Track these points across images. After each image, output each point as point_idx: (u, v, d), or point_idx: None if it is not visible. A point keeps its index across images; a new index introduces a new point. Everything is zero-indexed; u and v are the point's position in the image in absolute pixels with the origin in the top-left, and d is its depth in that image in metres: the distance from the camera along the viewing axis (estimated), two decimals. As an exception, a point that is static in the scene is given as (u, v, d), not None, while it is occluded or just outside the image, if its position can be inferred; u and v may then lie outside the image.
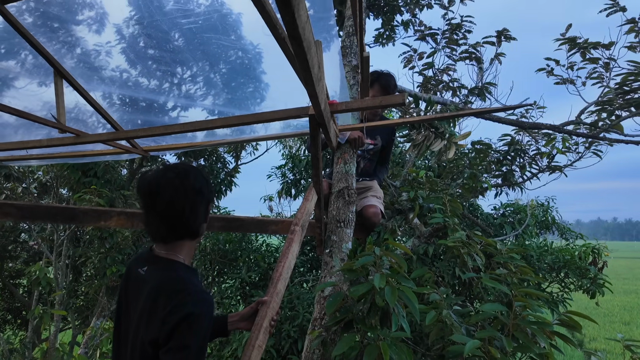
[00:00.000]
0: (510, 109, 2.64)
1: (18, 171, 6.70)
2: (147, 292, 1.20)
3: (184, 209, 1.23)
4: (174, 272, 1.24)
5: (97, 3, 2.84)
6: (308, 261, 6.41)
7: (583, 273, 4.95)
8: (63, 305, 6.17)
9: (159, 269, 1.25)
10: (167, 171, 1.26)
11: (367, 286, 1.58)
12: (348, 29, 2.89)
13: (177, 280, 1.22)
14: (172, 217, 1.24)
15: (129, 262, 1.40)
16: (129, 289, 1.32)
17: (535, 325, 1.75)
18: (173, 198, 1.22)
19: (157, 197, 1.23)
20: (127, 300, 1.31)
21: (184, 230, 1.27)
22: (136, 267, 1.31)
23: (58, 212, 2.21)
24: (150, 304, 1.18)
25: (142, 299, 1.21)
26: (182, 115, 3.45)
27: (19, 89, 2.94)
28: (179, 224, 1.25)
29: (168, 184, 1.23)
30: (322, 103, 1.49)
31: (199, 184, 1.28)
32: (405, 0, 5.28)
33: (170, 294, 1.17)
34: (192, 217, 1.26)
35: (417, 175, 3.19)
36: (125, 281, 1.36)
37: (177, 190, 1.23)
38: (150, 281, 1.23)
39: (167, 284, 1.20)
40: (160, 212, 1.23)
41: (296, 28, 0.89)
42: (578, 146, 3.62)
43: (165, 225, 1.24)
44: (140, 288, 1.25)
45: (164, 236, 1.27)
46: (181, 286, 1.20)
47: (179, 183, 1.23)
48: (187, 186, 1.25)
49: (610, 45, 3.10)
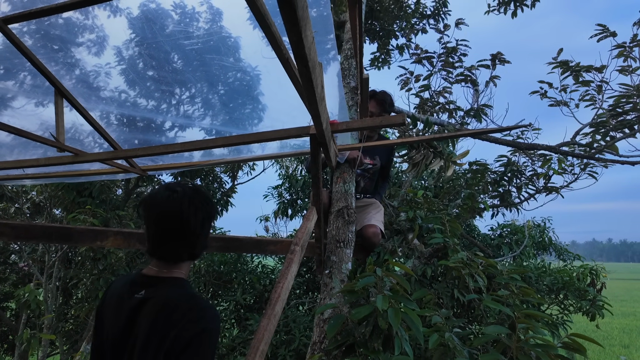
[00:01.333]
0: (508, 129, 2.68)
1: (11, 191, 6.62)
2: (154, 313, 1.16)
3: (196, 229, 1.24)
4: (183, 289, 1.23)
5: (98, 26, 2.89)
6: (304, 283, 6.32)
7: (582, 294, 4.90)
8: (52, 329, 5.98)
9: (164, 288, 1.22)
10: (177, 192, 1.25)
11: (369, 308, 1.55)
12: (346, 52, 2.95)
13: (189, 296, 1.21)
14: (186, 237, 1.24)
15: (110, 289, 1.33)
16: (108, 318, 1.25)
17: (539, 348, 1.71)
18: (189, 218, 1.22)
19: (172, 217, 1.22)
20: (109, 330, 1.23)
21: (194, 250, 1.27)
22: (128, 293, 1.24)
23: (53, 231, 2.17)
24: (162, 323, 1.14)
25: (144, 324, 1.16)
26: (179, 135, 3.46)
27: (16, 109, 2.94)
28: (190, 244, 1.25)
29: (184, 204, 1.23)
30: (324, 122, 1.50)
31: (208, 209, 1.28)
32: (400, 25, 5.43)
33: (184, 310, 1.16)
34: (202, 237, 1.27)
35: (415, 195, 3.19)
36: (103, 308, 1.29)
37: (192, 210, 1.23)
38: (154, 302, 1.19)
39: (178, 300, 1.18)
40: (173, 231, 1.22)
41: (303, 48, 0.90)
42: (574, 167, 3.66)
43: (176, 245, 1.24)
44: (137, 314, 1.19)
45: (172, 256, 1.25)
46: (193, 302, 1.19)
47: (193, 203, 1.24)
48: (200, 206, 1.25)
49: (602, 69, 3.19)
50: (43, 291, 6.09)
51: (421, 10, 5.31)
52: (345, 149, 2.40)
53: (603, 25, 3.13)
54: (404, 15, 5.24)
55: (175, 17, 2.91)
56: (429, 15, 5.28)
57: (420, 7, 5.29)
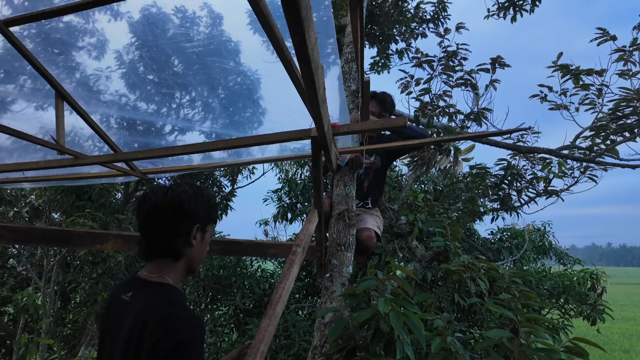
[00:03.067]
0: (508, 132, 2.68)
1: (10, 195, 6.60)
2: (133, 317, 1.12)
3: (159, 224, 1.20)
4: (164, 296, 1.18)
5: (99, 30, 2.89)
6: (304, 287, 6.29)
7: (583, 299, 4.88)
8: (50, 333, 5.94)
9: (147, 292, 1.18)
10: (157, 192, 1.24)
11: (370, 312, 1.54)
12: (347, 56, 2.96)
13: (167, 303, 1.15)
14: (151, 233, 1.22)
15: (112, 291, 1.33)
16: (109, 320, 1.25)
17: (542, 353, 1.70)
18: (150, 211, 1.21)
19: (142, 213, 1.22)
20: (108, 331, 1.23)
21: (163, 249, 1.22)
22: (120, 293, 1.24)
23: (53, 234, 2.16)
24: (138, 329, 1.10)
25: (126, 326, 1.13)
26: (179, 138, 3.46)
27: (16, 113, 2.94)
28: (155, 239, 1.21)
29: (152, 203, 1.21)
30: (326, 125, 1.50)
31: (179, 200, 1.21)
32: (400, 29, 5.45)
33: (160, 320, 1.09)
34: (168, 234, 1.21)
35: (415, 198, 3.18)
36: (106, 311, 1.28)
37: (158, 207, 1.21)
38: (136, 305, 1.15)
39: (155, 308, 1.12)
40: (145, 227, 1.22)
41: (306, 49, 0.90)
42: (574, 170, 3.66)
43: (147, 242, 1.23)
44: (124, 315, 1.17)
45: (146, 254, 1.24)
46: (171, 310, 1.12)
47: (161, 200, 1.21)
48: (169, 201, 1.21)
49: (602, 72, 3.20)
50: (41, 295, 6.05)
51: (421, 14, 5.33)
52: (346, 152, 2.39)
53: (603, 29, 3.15)
54: (403, 19, 5.26)
55: (176, 22, 2.92)
56: (429, 19, 5.31)
57: (420, 12, 5.31)
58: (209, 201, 1.29)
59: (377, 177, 2.86)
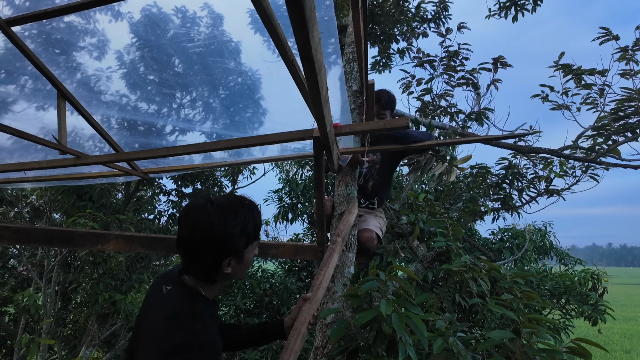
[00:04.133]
0: (515, 136, 2.67)
1: (11, 195, 6.60)
2: (161, 317, 1.15)
3: (198, 257, 1.18)
4: (192, 306, 1.18)
5: (99, 30, 2.89)
6: (304, 287, 6.30)
7: (584, 299, 4.88)
8: (50, 334, 5.94)
9: (180, 295, 1.20)
10: (212, 213, 1.17)
11: (372, 313, 1.53)
12: (348, 56, 2.95)
13: (189, 316, 1.15)
14: (183, 251, 1.19)
15: (157, 276, 1.37)
16: (149, 300, 1.28)
17: (544, 353, 1.70)
18: (193, 238, 1.16)
19: (183, 226, 1.18)
20: (146, 311, 1.26)
21: (196, 272, 1.21)
22: (162, 283, 1.26)
23: (55, 234, 2.16)
24: (160, 330, 1.13)
25: (156, 319, 1.16)
26: (180, 139, 3.46)
27: (16, 113, 2.94)
28: (193, 265, 1.20)
29: (199, 225, 1.15)
30: (328, 125, 1.49)
31: (212, 233, 1.14)
32: (401, 29, 5.45)
33: (176, 331, 1.10)
34: (197, 262, 1.19)
35: (416, 198, 3.18)
36: (150, 291, 1.32)
37: (202, 237, 1.15)
38: (167, 304, 1.18)
39: (178, 317, 1.14)
40: (179, 242, 1.20)
41: (310, 49, 0.90)
42: (575, 170, 3.65)
43: (183, 258, 1.21)
44: (157, 306, 1.21)
45: (183, 265, 1.23)
46: (189, 323, 1.12)
47: (208, 228, 1.14)
48: (214, 236, 1.15)
49: (604, 72, 3.19)
50: (42, 295, 6.06)
51: (422, 14, 5.32)
52: (347, 152, 2.39)
53: (606, 29, 3.14)
54: (404, 19, 5.25)
55: (177, 22, 2.92)
56: (430, 19, 5.30)
57: (421, 11, 5.30)
58: (252, 219, 1.22)
59: (382, 177, 2.81)
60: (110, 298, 4.74)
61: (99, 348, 5.49)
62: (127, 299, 5.00)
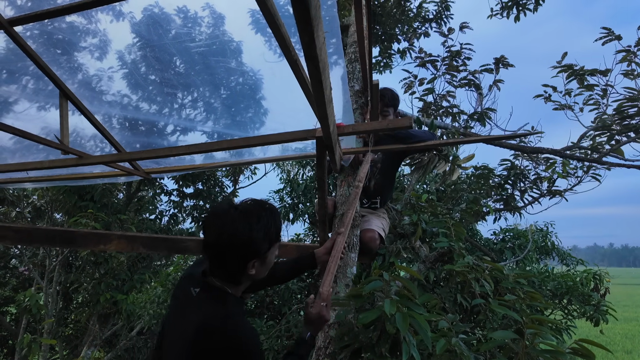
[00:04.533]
0: (517, 136, 2.66)
1: (13, 195, 6.61)
2: (196, 319, 1.20)
3: (215, 251, 1.23)
4: (226, 307, 1.24)
5: (101, 30, 2.89)
6: (306, 287, 6.28)
7: (586, 300, 4.87)
8: (52, 334, 5.95)
9: (210, 298, 1.25)
10: (236, 219, 1.23)
11: (376, 312, 1.53)
12: (350, 56, 2.95)
13: (226, 316, 1.21)
14: (209, 253, 1.25)
15: (184, 274, 1.42)
16: (177, 303, 1.34)
17: (547, 354, 1.69)
18: (218, 243, 1.22)
19: (208, 233, 1.24)
20: (173, 314, 1.32)
21: (222, 275, 1.27)
22: (189, 285, 1.31)
23: (57, 235, 2.16)
24: (198, 334, 1.17)
25: (189, 321, 1.21)
26: (181, 139, 3.46)
27: (18, 113, 2.94)
28: (213, 263, 1.26)
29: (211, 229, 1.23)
30: (331, 125, 1.49)
31: (238, 238, 1.21)
32: (402, 29, 5.44)
33: (219, 332, 1.17)
34: (223, 265, 1.25)
35: (418, 199, 3.17)
36: (176, 292, 1.38)
37: (214, 232, 1.22)
38: (200, 307, 1.24)
39: (214, 320, 1.20)
40: (205, 245, 1.25)
41: (314, 49, 0.89)
42: (577, 170, 3.65)
43: (207, 257, 1.27)
44: (189, 310, 1.26)
45: (210, 269, 1.28)
46: (230, 325, 1.19)
47: (218, 230, 1.22)
48: (225, 234, 1.21)
49: (607, 72, 3.18)
50: (43, 295, 6.06)
51: (423, 14, 5.32)
52: (350, 153, 2.38)
53: (608, 29, 3.13)
54: (406, 19, 5.25)
55: (178, 22, 2.92)
56: (431, 19, 5.29)
57: (423, 11, 5.30)
58: (274, 223, 1.29)
59: (384, 176, 2.77)
60: (112, 298, 4.73)
61: (100, 348, 5.49)
62: (129, 299, 5.00)
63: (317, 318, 1.41)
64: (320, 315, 1.41)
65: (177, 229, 7.44)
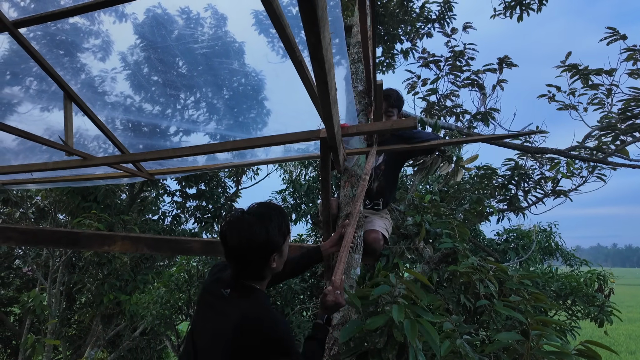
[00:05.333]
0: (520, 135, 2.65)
1: (16, 196, 6.63)
2: (229, 316, 1.32)
3: (246, 264, 1.39)
4: (259, 301, 1.38)
5: (103, 32, 2.89)
6: (309, 288, 6.28)
7: (590, 300, 4.84)
8: (55, 334, 5.96)
9: (243, 295, 1.39)
10: (244, 225, 1.37)
11: (384, 318, 1.52)
12: (354, 56, 2.94)
13: (264, 308, 1.36)
14: (234, 260, 1.39)
15: (208, 280, 1.55)
16: (205, 300, 1.48)
17: (553, 356, 1.68)
18: (237, 252, 1.37)
19: (226, 245, 1.39)
20: (206, 309, 1.44)
21: (248, 275, 1.42)
22: (218, 287, 1.44)
23: (61, 236, 2.16)
24: (240, 328, 1.29)
25: (227, 320, 1.33)
26: (184, 140, 3.45)
27: (22, 114, 2.95)
28: (238, 267, 1.40)
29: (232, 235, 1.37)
30: (336, 126, 1.48)
31: (257, 240, 1.36)
32: (405, 29, 5.43)
33: (260, 322, 1.31)
34: (248, 266, 1.39)
35: (422, 199, 3.16)
36: (203, 295, 1.51)
37: (235, 240, 1.36)
38: (236, 305, 1.35)
39: (252, 313, 1.33)
40: (228, 252, 1.40)
41: (320, 49, 0.89)
42: (582, 170, 3.63)
43: (231, 263, 1.42)
44: (225, 309, 1.37)
45: (234, 271, 1.43)
46: (265, 316, 1.33)
47: (239, 236, 1.36)
48: (244, 238, 1.36)
49: (612, 72, 3.16)
50: (47, 296, 6.08)
51: (426, 14, 5.30)
52: (354, 153, 2.37)
53: (613, 28, 3.11)
54: (408, 19, 5.24)
55: (181, 23, 2.92)
56: (434, 19, 5.28)
57: (425, 12, 5.28)
58: (280, 224, 1.42)
59: (387, 178, 2.75)
60: (115, 299, 4.74)
61: (103, 348, 5.49)
62: (132, 299, 5.01)
63: (333, 304, 1.54)
64: (336, 301, 1.54)
65: (180, 230, 7.45)
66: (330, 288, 1.57)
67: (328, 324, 1.58)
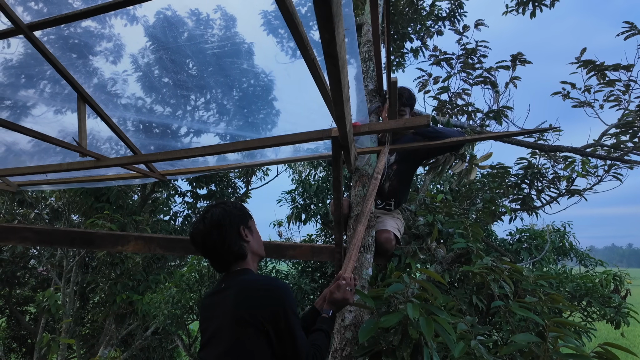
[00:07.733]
0: (533, 132, 2.60)
1: (31, 197, 6.75)
2: (232, 293, 1.38)
3: (216, 246, 1.47)
4: (251, 275, 1.47)
5: (115, 35, 2.92)
6: (318, 288, 6.27)
7: (606, 301, 4.74)
8: (69, 333, 6.05)
9: (236, 277, 1.46)
10: (197, 223, 1.51)
11: (398, 316, 1.50)
12: (364, 55, 2.93)
13: (261, 278, 1.44)
14: (215, 253, 1.48)
15: (204, 298, 1.60)
16: (206, 304, 1.52)
17: (572, 359, 1.64)
18: (203, 241, 1.49)
19: (199, 245, 1.50)
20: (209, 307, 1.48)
21: (231, 257, 1.49)
22: (213, 291, 1.50)
23: (76, 236, 2.19)
24: (239, 301, 1.34)
25: (227, 301, 1.37)
26: (194, 140, 3.47)
27: (37, 117, 2.99)
28: (221, 256, 1.48)
29: (199, 233, 1.49)
30: (348, 125, 1.47)
31: (216, 219, 1.48)
32: (414, 28, 5.39)
33: (262, 289, 1.36)
34: (226, 246, 1.47)
35: (433, 199, 3.13)
36: (205, 300, 1.55)
37: (205, 234, 1.48)
38: (231, 287, 1.41)
39: (254, 282, 1.40)
40: (207, 252, 1.50)
41: (334, 46, 0.87)
42: (597, 169, 3.55)
43: (216, 260, 1.50)
44: (222, 297, 1.42)
45: (222, 267, 1.52)
46: (267, 282, 1.39)
47: (204, 228, 1.48)
48: (209, 227, 1.48)
49: (630, 67, 3.08)
50: (61, 295, 6.17)
51: (436, 12, 5.25)
52: (366, 152, 2.36)
53: (631, 23, 3.04)
54: (418, 17, 5.20)
55: (190, 24, 2.93)
56: (444, 17, 5.23)
57: (436, 9, 5.23)
58: (235, 206, 1.56)
59: (400, 178, 2.71)
60: (128, 298, 4.78)
61: (116, 347, 5.55)
62: (144, 299, 5.05)
63: (342, 300, 1.56)
64: (345, 298, 1.56)
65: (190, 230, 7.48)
66: (341, 282, 1.58)
67: (332, 320, 1.59)
